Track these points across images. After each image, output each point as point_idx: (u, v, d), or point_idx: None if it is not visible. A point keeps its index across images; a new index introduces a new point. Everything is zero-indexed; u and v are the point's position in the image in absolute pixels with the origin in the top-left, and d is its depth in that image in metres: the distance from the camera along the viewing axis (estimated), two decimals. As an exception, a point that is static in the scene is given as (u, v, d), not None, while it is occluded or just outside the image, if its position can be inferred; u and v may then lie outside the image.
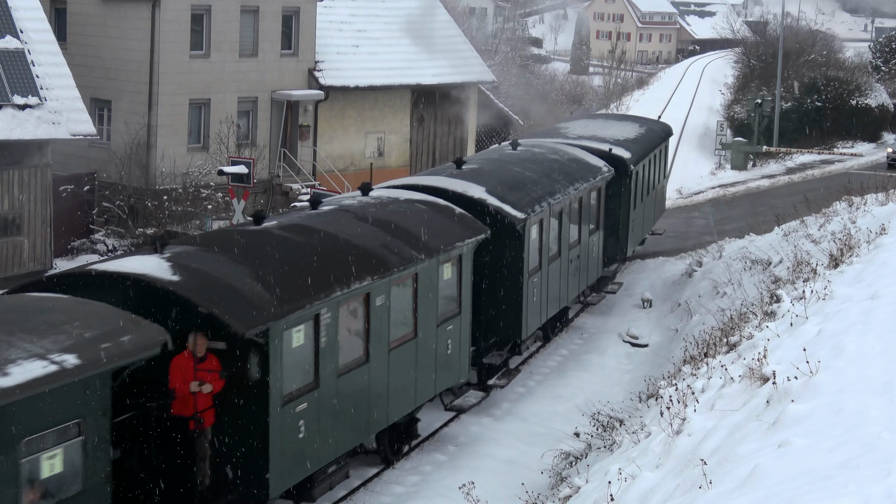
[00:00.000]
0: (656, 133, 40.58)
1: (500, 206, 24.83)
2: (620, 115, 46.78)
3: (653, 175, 39.26)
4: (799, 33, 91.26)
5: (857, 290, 17.36)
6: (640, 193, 36.44)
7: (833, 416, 11.22)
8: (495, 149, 33.12)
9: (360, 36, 51.19)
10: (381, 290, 18.99)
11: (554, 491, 18.68)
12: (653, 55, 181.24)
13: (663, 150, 41.87)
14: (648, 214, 39.44)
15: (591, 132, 36.11)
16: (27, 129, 34.33)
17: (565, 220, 28.39)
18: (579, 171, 30.38)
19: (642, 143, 36.98)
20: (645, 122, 42.04)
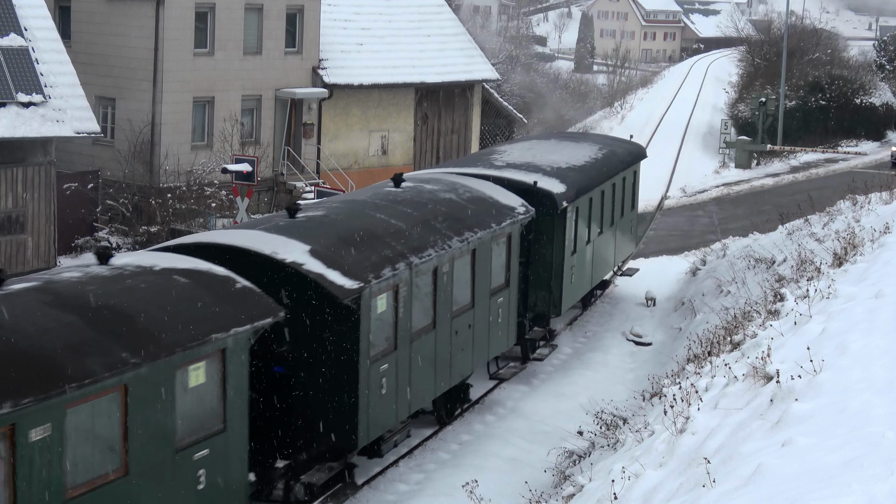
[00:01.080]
0: (619, 157, 33.97)
1: (323, 274, 18.34)
2: (583, 136, 38.56)
3: (609, 208, 32.50)
4: (803, 32, 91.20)
5: (861, 289, 17.34)
6: (585, 234, 29.99)
7: (837, 415, 11.21)
8: (370, 188, 25.52)
9: (364, 34, 51.19)
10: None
11: (557, 489, 18.67)
12: (657, 53, 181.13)
13: (631, 177, 35.26)
14: (604, 256, 32.58)
15: (528, 159, 29.71)
16: (31, 127, 34.34)
17: (443, 282, 21.68)
18: (479, 214, 23.85)
19: (592, 172, 30.58)
20: (611, 143, 35.79)
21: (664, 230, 49.63)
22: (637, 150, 37.02)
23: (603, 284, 34.55)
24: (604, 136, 40.29)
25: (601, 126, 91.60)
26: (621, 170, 33.55)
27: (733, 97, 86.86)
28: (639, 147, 37.72)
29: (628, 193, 35.11)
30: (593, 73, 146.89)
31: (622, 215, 34.38)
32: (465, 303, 22.88)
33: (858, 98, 77.24)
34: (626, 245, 35.91)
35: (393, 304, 19.84)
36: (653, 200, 56.55)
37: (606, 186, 31.75)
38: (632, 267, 38.31)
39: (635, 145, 37.51)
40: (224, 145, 43.65)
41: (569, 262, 28.28)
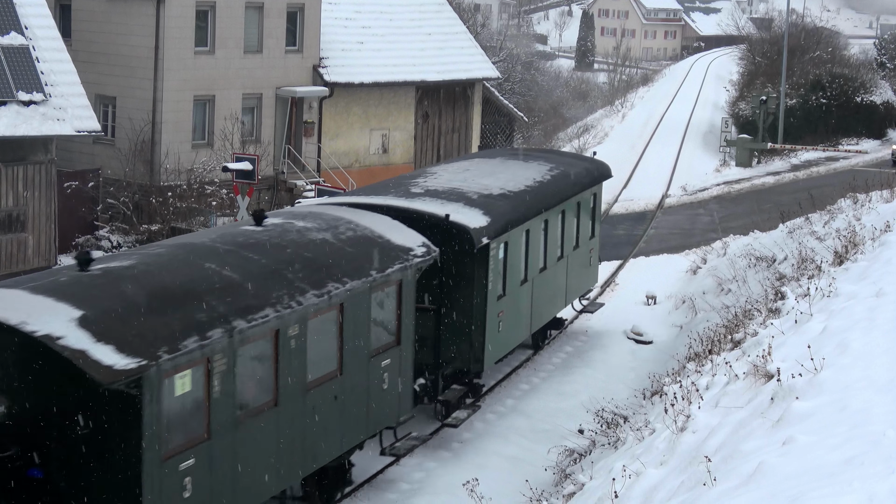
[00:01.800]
0: (574, 179, 29.56)
1: (86, 351, 14.10)
2: (536, 154, 32.42)
3: (557, 238, 28.23)
4: (804, 30, 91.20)
5: (862, 288, 17.34)
6: (521, 271, 25.73)
7: (837, 414, 11.21)
8: (221, 229, 21.19)
9: (364, 32, 51.19)
10: None
11: (558, 488, 18.69)
12: (658, 52, 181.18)
13: (589, 200, 30.88)
14: (551, 294, 28.26)
15: (457, 183, 25.66)
16: (32, 126, 34.35)
17: (290, 347, 17.18)
18: (357, 258, 19.55)
19: (533, 198, 26.37)
20: (567, 162, 31.09)
21: (665, 228, 49.64)
22: (598, 169, 32.07)
23: (557, 322, 30.52)
24: (562, 153, 35.35)
25: (602, 124, 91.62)
26: (575, 193, 29.10)
27: (734, 95, 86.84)
28: (601, 166, 32.58)
29: (585, 219, 30.53)
30: (594, 72, 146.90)
31: (577, 245, 29.79)
32: (329, 370, 18.36)
33: (859, 96, 77.22)
34: (583, 278, 31.12)
35: (203, 382, 15.48)
36: (654, 199, 56.55)
37: (553, 214, 27.46)
38: (596, 301, 33.62)
39: (597, 164, 32.56)
40: (225, 144, 43.65)
41: (495, 308, 23.78)
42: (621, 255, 42.63)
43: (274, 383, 16.93)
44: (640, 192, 57.99)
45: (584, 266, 30.98)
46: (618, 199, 55.97)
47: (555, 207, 27.52)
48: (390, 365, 20.22)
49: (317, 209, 21.88)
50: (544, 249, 27.24)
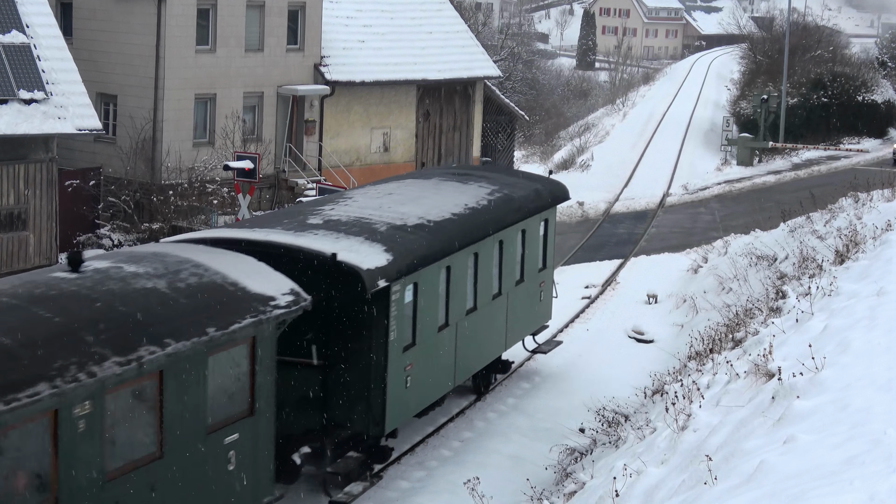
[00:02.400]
0: (518, 204, 25.41)
1: None
2: (480, 174, 27.39)
3: (493, 273, 24.19)
4: (805, 29, 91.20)
5: (863, 287, 17.34)
6: (440, 315, 21.85)
7: (839, 413, 11.21)
8: (25, 276, 16.47)
9: (365, 31, 51.18)
10: None
11: (559, 486, 18.68)
12: (659, 50, 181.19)
13: (538, 227, 26.80)
14: (484, 337, 24.11)
15: (370, 211, 22.00)
16: (33, 124, 34.35)
17: (75, 433, 13.31)
18: (189, 312, 15.61)
19: (459, 229, 22.44)
20: (512, 183, 26.55)
21: (666, 227, 49.63)
22: (552, 191, 27.84)
23: (504, 365, 26.59)
24: (513, 172, 30.41)
25: (603, 123, 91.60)
26: (519, 220, 25.15)
27: (735, 94, 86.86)
28: (556, 188, 28.43)
29: (533, 250, 26.51)
30: (595, 71, 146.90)
31: (521, 279, 25.81)
32: (144, 454, 14.59)
33: (860, 95, 77.25)
34: (531, 315, 26.96)
35: None
36: (655, 197, 56.55)
37: (486, 245, 23.45)
38: (553, 340, 29.04)
39: (551, 185, 28.42)
40: (226, 142, 43.65)
41: (399, 361, 20.03)
42: (622, 253, 42.63)
43: (53, 476, 13.09)
44: (641, 191, 57.99)
45: (532, 302, 26.70)
46: (619, 197, 55.97)
47: (489, 238, 23.53)
48: (239, 441, 16.16)
49: (165, 249, 17.91)
50: (474, 287, 23.14)
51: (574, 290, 36.48)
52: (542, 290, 27.33)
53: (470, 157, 55.52)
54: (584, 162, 68.86)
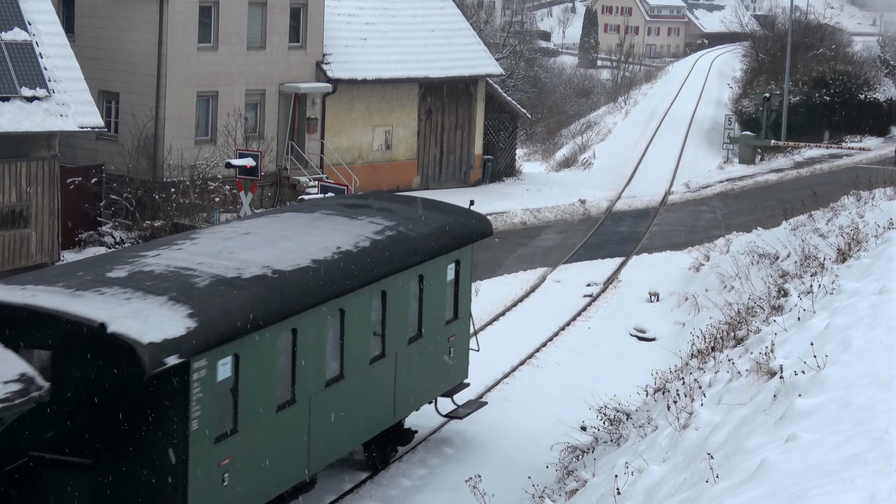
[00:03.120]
0: (413, 245, 21.07)
1: None
2: (382, 208, 22.49)
3: (370, 333, 20.01)
4: (807, 27, 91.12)
5: (865, 285, 17.33)
6: (283, 392, 17.59)
7: (840, 411, 11.21)
8: None
9: (367, 29, 51.19)
10: None
11: (561, 485, 18.68)
12: (661, 49, 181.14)
13: (444, 272, 22.27)
14: (357, 412, 19.78)
15: (201, 259, 17.82)
16: (35, 122, 34.35)
17: None
18: None
19: (315, 281, 18.24)
20: (418, 220, 22.11)
21: (668, 225, 49.63)
22: (468, 227, 23.23)
23: (405, 434, 22.10)
24: (420, 205, 23.41)
25: (605, 121, 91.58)
26: (414, 264, 20.90)
27: (737, 92, 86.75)
28: (474, 222, 23.69)
29: (437, 298, 22.04)
30: (597, 69, 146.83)
31: (418, 335, 21.47)
32: None
33: (862, 94, 77.19)
34: (436, 376, 22.45)
35: None
36: (657, 196, 56.55)
37: (359, 298, 19.28)
38: (475, 401, 24.35)
39: (468, 219, 23.63)
40: (228, 140, 43.66)
41: (208, 455, 15.80)
42: (624, 251, 42.63)
43: None
44: (643, 189, 57.98)
45: (437, 361, 22.30)
46: (621, 195, 55.97)
47: (365, 289, 19.35)
48: None
49: None
50: (340, 351, 18.92)
51: (576, 288, 36.52)
52: (451, 346, 22.70)
53: (472, 155, 55.54)
54: (585, 160, 68.85)
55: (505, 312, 33.03)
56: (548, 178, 61.08)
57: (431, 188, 53.50)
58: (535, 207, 50.67)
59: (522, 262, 40.82)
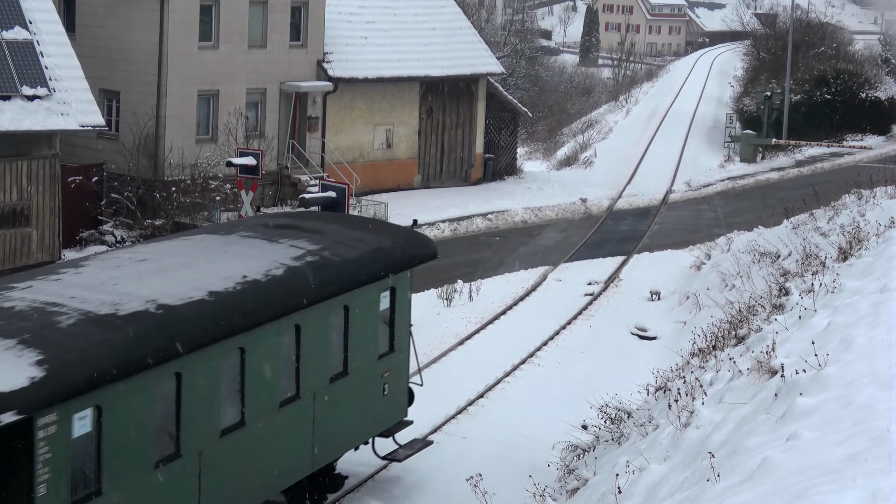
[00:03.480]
0: (336, 271, 18.62)
1: None
2: (307, 229, 20.16)
3: (281, 373, 17.51)
4: (808, 26, 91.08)
5: (867, 283, 17.32)
6: (165, 444, 15.32)
7: (842, 410, 11.20)
8: None
9: (368, 28, 51.18)
10: None
11: (562, 483, 18.67)
12: (663, 47, 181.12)
13: (375, 301, 19.87)
14: (262, 463, 17.31)
15: (76, 292, 15.45)
16: (36, 120, 34.35)
17: None
18: None
19: (205, 316, 15.80)
20: (349, 243, 19.68)
21: (669, 224, 49.62)
22: (408, 250, 20.72)
23: (333, 481, 20.55)
24: (355, 224, 21.44)
25: (606, 120, 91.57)
26: (336, 293, 18.44)
27: (738, 91, 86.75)
28: (416, 244, 21.22)
29: (367, 330, 19.65)
30: (598, 67, 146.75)
31: (345, 371, 19.00)
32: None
33: (864, 92, 77.17)
34: (367, 416, 19.98)
35: None
36: (658, 194, 56.54)
37: (264, 335, 16.78)
38: (418, 440, 21.89)
39: (409, 241, 21.12)
40: (228, 139, 43.66)
41: None
42: (625, 250, 42.62)
43: None
44: (645, 188, 57.97)
45: (369, 399, 19.94)
46: (622, 194, 55.95)
47: (272, 324, 16.90)
48: None
49: None
50: (240, 395, 16.46)
51: (577, 287, 36.51)
52: (386, 382, 20.33)
53: (473, 153, 55.54)
54: (587, 158, 68.85)
55: (506, 311, 33.03)
56: (549, 177, 61.07)
57: (432, 187, 53.51)
58: (537, 206, 50.65)
59: (523, 260, 40.81)
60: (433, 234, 44.56)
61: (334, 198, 30.60)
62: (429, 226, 45.08)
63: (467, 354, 28.84)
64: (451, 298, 33.70)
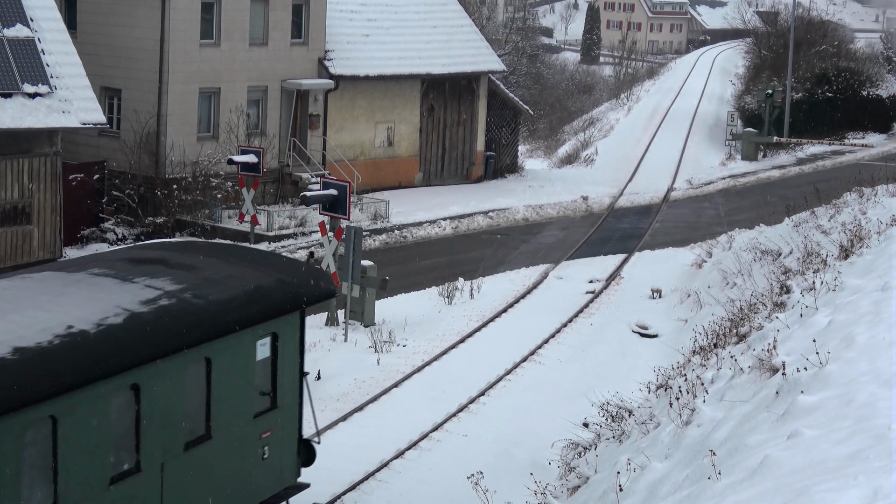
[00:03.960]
0: (197, 317, 15.41)
1: None
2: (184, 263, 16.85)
3: (114, 445, 14.39)
4: (810, 23, 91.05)
5: (868, 281, 17.31)
6: None
7: (843, 408, 11.19)
8: None
9: (370, 25, 51.18)
10: None
11: (563, 481, 18.66)
12: (664, 45, 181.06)
13: (251, 351, 16.55)
14: None
15: None
16: (37, 118, 34.36)
17: None
18: None
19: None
20: (222, 281, 16.48)
21: (670, 222, 49.60)
22: (294, 289, 17.18)
23: None
24: (238, 258, 17.97)
25: (608, 117, 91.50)
26: (194, 343, 15.17)
27: (740, 89, 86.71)
28: (308, 281, 17.66)
29: (240, 385, 16.33)
30: (600, 65, 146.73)
31: (207, 434, 15.75)
32: None
33: (865, 90, 77.11)
34: (242, 485, 16.62)
35: None
36: (659, 192, 56.52)
37: (85, 402, 13.64)
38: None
39: (300, 278, 17.59)
40: (230, 136, 43.66)
41: None
42: (626, 248, 42.61)
43: None
44: (646, 186, 57.95)
45: (241, 464, 16.64)
46: (623, 192, 55.94)
47: (99, 384, 13.79)
48: None
49: None
50: (52, 473, 13.35)
51: (578, 284, 36.51)
52: (266, 444, 16.98)
53: (474, 151, 55.53)
54: (588, 156, 68.82)
55: (507, 309, 33.03)
56: (550, 175, 61.04)
57: (433, 184, 53.50)
58: (538, 204, 50.64)
59: (525, 258, 40.81)
60: (434, 231, 44.58)
61: (335, 195, 30.67)
62: (430, 223, 45.10)
63: (468, 352, 28.85)
64: (452, 296, 33.70)
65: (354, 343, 28.96)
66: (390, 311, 31.71)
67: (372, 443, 22.45)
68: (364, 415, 24.19)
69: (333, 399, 24.83)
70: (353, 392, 25.39)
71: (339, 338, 29.36)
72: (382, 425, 23.54)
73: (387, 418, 23.96)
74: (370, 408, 24.54)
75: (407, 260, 39.98)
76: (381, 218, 44.79)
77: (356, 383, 25.94)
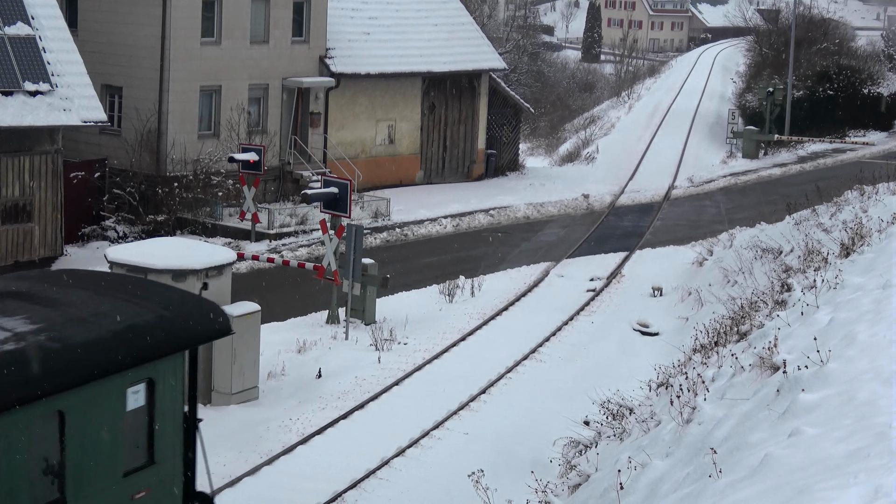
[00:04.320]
0: (41, 367, 12.02)
1: None
2: (53, 297, 13.54)
3: None
4: (811, 21, 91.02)
5: (869, 280, 17.31)
6: None
7: (844, 406, 11.18)
8: None
9: (371, 23, 51.18)
10: None
11: (563, 479, 18.67)
12: (665, 43, 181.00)
13: (118, 400, 13.24)
14: None
15: None
16: (38, 116, 34.36)
17: None
18: None
19: None
20: (90, 319, 13.16)
21: (671, 220, 49.60)
22: (178, 327, 14.08)
23: None
24: (118, 290, 14.48)
25: (609, 115, 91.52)
26: (42, 395, 12.13)
27: (741, 87, 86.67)
28: (197, 316, 14.44)
29: (106, 440, 13.30)
30: (601, 63, 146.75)
31: (61, 498, 12.60)
32: None
33: (866, 88, 77.08)
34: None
35: None
36: (660, 190, 56.52)
37: None
38: None
39: (182, 315, 14.28)
40: (231, 134, 43.67)
41: None
42: (627, 246, 42.61)
43: None
44: (647, 184, 57.94)
45: None
46: (624, 190, 55.94)
47: None
48: None
49: None
50: None
51: (579, 282, 36.51)
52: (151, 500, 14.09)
53: (475, 149, 55.53)
54: (589, 154, 68.82)
55: (508, 307, 33.03)
56: (551, 173, 61.04)
57: (434, 182, 53.50)
58: (539, 202, 50.63)
59: (525, 256, 40.81)
60: (435, 229, 44.58)
61: (336, 193, 30.68)
62: (431, 221, 45.10)
63: (469, 350, 28.85)
64: (453, 294, 33.70)
65: (355, 341, 28.97)
66: (391, 309, 31.72)
67: (373, 440, 22.47)
68: (365, 413, 24.20)
69: (334, 397, 24.85)
70: (354, 390, 25.39)
71: (339, 336, 29.36)
72: (383, 423, 23.55)
73: (388, 416, 23.97)
74: (371, 406, 24.55)
75: (408, 258, 39.98)
76: (381, 216, 44.81)
77: (357, 381, 25.94)
